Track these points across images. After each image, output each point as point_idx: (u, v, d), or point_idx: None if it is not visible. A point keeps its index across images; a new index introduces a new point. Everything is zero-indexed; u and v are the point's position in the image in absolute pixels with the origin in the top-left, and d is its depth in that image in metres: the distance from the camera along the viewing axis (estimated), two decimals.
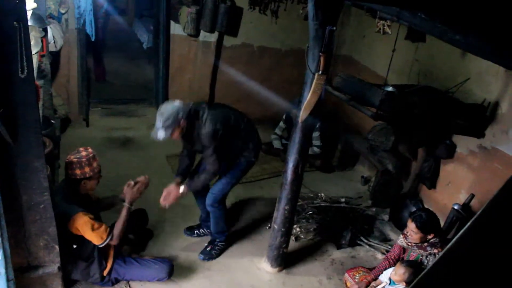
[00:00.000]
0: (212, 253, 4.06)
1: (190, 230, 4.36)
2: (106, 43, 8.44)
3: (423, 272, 1.15)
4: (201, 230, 4.36)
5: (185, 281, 3.72)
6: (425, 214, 3.38)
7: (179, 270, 3.75)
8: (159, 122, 3.47)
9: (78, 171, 3.12)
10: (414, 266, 3.31)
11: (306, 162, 3.73)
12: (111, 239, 3.24)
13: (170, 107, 3.49)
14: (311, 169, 5.88)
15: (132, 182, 3.55)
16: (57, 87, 5.60)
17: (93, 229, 3.13)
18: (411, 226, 3.34)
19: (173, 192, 3.79)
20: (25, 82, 2.43)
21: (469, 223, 1.09)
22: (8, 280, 2.68)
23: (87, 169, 3.13)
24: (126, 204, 3.43)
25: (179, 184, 3.84)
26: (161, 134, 3.49)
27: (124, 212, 3.38)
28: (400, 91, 4.08)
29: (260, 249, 4.18)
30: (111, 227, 3.29)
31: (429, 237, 3.34)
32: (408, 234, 3.41)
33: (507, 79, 4.04)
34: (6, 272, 2.64)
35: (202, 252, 4.05)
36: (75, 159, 3.12)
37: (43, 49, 4.06)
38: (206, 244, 4.14)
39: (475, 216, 1.09)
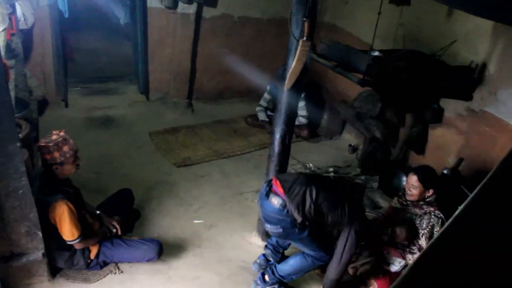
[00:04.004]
0: None
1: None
2: (80, 21, 8.16)
3: (431, 242, 1.07)
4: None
5: (175, 260, 3.66)
6: (427, 168, 3.43)
7: (168, 249, 3.67)
8: None
9: (47, 156, 2.99)
10: (406, 223, 3.31)
11: (293, 133, 3.64)
12: (78, 242, 3.13)
13: None
14: (297, 140, 5.81)
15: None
16: (31, 67, 5.39)
17: (70, 222, 3.02)
18: (412, 179, 3.32)
19: None
20: None
21: (477, 189, 1.00)
22: None
23: (56, 154, 2.98)
24: (106, 230, 3.44)
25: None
26: None
27: (101, 235, 3.39)
28: (387, 56, 3.98)
29: (250, 224, 4.12)
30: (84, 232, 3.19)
31: (428, 194, 3.31)
32: (407, 190, 3.38)
33: (494, 39, 3.96)
34: None
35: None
36: (44, 144, 2.98)
37: (13, 27, 3.87)
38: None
39: (483, 182, 1.00)
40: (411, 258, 3.26)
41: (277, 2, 6.24)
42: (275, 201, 3.05)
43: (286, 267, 3.37)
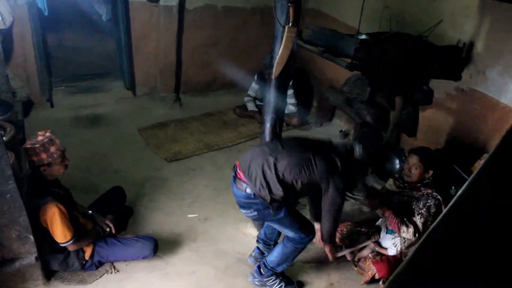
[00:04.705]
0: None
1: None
2: (62, 18, 8.05)
3: (432, 226, 1.04)
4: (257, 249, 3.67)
5: (171, 255, 3.62)
6: (426, 149, 3.42)
7: (164, 245, 3.62)
8: None
9: (34, 158, 2.92)
10: (402, 208, 3.29)
11: (283, 121, 3.60)
12: (72, 243, 3.07)
13: None
14: (288, 128, 5.78)
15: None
16: (13, 68, 5.27)
17: (61, 224, 2.96)
18: (413, 160, 3.30)
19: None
20: None
21: (478, 170, 0.97)
22: None
23: (43, 156, 2.92)
24: (99, 230, 3.37)
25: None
26: None
27: (95, 235, 3.33)
28: (374, 39, 3.94)
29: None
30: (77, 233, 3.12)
31: (427, 175, 3.29)
32: (407, 172, 3.35)
33: (480, 17, 3.94)
34: None
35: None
36: (30, 145, 2.91)
37: None
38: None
39: (484, 161, 0.97)
40: (405, 231, 3.22)
41: None
42: (241, 187, 2.96)
43: (272, 258, 3.32)
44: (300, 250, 3.27)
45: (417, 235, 3.14)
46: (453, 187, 3.80)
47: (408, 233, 3.18)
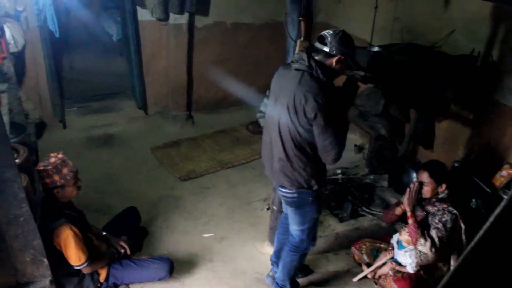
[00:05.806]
0: None
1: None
2: (73, 40, 8.11)
3: (470, 245, 0.97)
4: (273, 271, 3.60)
5: (188, 276, 3.55)
6: (436, 162, 3.33)
7: (179, 266, 3.57)
8: None
9: (47, 180, 2.89)
10: (421, 226, 3.19)
11: None
12: (86, 266, 3.03)
13: None
14: None
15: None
16: (26, 91, 5.31)
17: (75, 246, 2.92)
18: (423, 176, 3.22)
19: None
20: None
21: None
22: None
23: (56, 177, 2.89)
24: (113, 251, 3.34)
25: None
26: None
27: (109, 256, 3.29)
28: (387, 50, 3.90)
29: (261, 233, 4.02)
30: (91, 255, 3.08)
31: (441, 189, 3.20)
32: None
33: (494, 25, 3.88)
34: None
35: None
36: (42, 168, 2.89)
37: (3, 51, 3.78)
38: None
39: None
40: (422, 244, 3.11)
41: (267, 4, 6.15)
42: None
43: (278, 274, 3.30)
44: (297, 261, 3.19)
45: (433, 249, 3.04)
46: (473, 200, 3.70)
47: (425, 246, 3.08)
